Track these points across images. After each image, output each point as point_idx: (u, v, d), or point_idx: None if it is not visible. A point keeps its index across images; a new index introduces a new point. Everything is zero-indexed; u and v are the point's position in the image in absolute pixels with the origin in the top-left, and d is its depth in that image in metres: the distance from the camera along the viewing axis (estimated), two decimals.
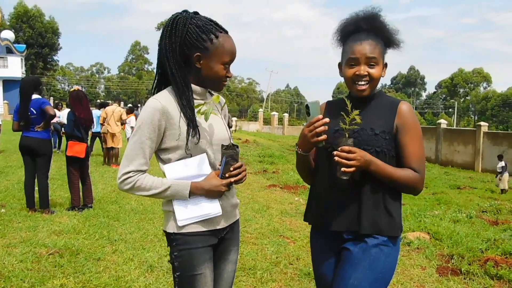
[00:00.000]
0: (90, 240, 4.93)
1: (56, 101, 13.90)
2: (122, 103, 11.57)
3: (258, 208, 7.01)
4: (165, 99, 1.90)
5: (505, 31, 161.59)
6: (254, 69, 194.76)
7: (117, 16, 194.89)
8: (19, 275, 3.81)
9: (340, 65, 2.06)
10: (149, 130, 1.86)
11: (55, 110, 8.05)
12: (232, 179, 1.88)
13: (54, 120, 7.01)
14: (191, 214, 1.89)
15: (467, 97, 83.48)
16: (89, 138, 6.63)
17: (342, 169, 1.80)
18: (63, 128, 11.40)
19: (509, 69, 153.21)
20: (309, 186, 2.16)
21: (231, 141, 2.01)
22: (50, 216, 5.92)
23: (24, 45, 51.90)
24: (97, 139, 12.54)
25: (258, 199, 7.81)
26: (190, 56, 1.90)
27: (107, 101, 14.68)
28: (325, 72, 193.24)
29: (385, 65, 2.01)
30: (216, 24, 1.93)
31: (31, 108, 5.93)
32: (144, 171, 1.90)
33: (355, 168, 1.81)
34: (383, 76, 2.00)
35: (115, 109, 11.55)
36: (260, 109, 53.77)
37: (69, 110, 6.88)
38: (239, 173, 1.91)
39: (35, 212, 6.07)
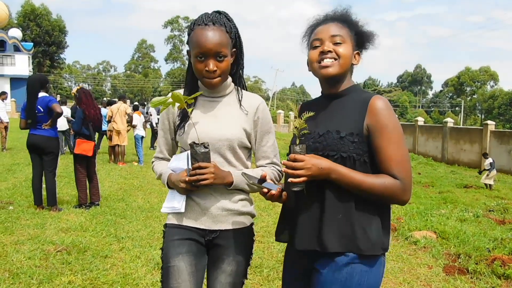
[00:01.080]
0: (97, 238, 4.96)
1: (60, 99, 13.91)
2: (128, 101, 11.53)
3: (264, 206, 7.01)
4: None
5: None
6: (260, 67, 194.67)
7: (123, 15, 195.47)
8: (27, 272, 3.85)
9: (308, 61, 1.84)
10: (160, 122, 2.08)
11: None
12: (189, 179, 1.82)
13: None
14: (166, 204, 1.99)
15: (473, 96, 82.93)
16: (96, 136, 6.64)
17: (289, 179, 1.61)
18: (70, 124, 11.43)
19: None
20: None
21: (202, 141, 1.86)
22: (57, 214, 5.96)
23: (31, 43, 52.13)
24: (104, 137, 12.61)
25: (263, 197, 7.78)
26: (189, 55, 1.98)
27: (114, 99, 14.72)
28: None
29: (358, 53, 1.80)
30: (205, 17, 1.87)
31: (38, 106, 5.96)
32: (160, 158, 2.12)
33: (306, 178, 1.59)
34: (355, 64, 1.79)
35: (120, 107, 11.58)
36: None
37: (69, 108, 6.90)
38: (197, 174, 1.80)
39: (42, 209, 6.11)
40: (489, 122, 21.63)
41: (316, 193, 1.67)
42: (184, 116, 1.96)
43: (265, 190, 1.73)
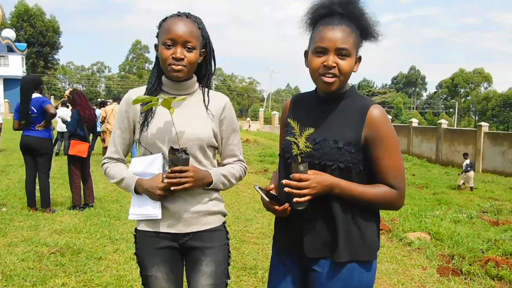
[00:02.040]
0: (92, 239, 4.94)
1: (63, 100, 13.91)
2: None
3: (259, 207, 7.00)
4: (136, 92, 1.96)
5: (506, 31, 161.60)
6: (254, 68, 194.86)
7: (118, 15, 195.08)
8: (20, 274, 3.82)
9: (306, 53, 1.76)
10: (118, 120, 1.98)
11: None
12: (169, 182, 1.76)
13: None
14: (136, 211, 1.91)
15: (467, 97, 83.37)
16: (90, 137, 6.62)
17: (295, 199, 1.60)
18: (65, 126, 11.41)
19: (510, 70, 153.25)
20: None
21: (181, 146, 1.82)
22: (51, 215, 5.93)
23: (25, 44, 51.92)
24: (98, 138, 12.56)
25: (259, 199, 7.77)
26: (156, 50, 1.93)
27: (107, 100, 14.69)
28: None
29: (359, 59, 1.74)
30: (179, 12, 1.88)
31: (32, 107, 5.92)
32: (115, 159, 2.01)
33: (311, 197, 1.60)
34: (355, 71, 1.72)
35: (114, 108, 11.54)
36: (261, 109, 53.77)
37: (63, 109, 6.87)
38: (178, 177, 1.76)
39: (36, 211, 6.08)
40: (483, 123, 21.76)
41: (319, 205, 1.67)
42: (149, 115, 1.89)
43: (276, 206, 1.71)
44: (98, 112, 11.96)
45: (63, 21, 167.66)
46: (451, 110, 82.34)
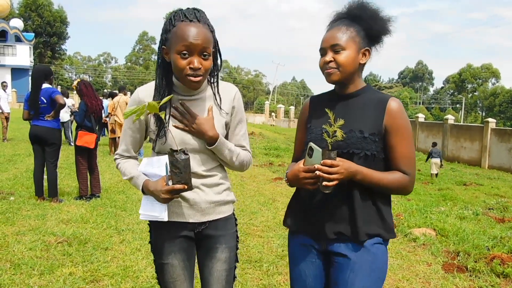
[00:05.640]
0: (98, 230, 4.98)
1: (62, 90, 13.99)
2: (128, 93, 11.48)
3: (264, 201, 7.03)
4: (145, 92, 1.92)
5: None
6: (260, 61, 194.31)
7: (125, 6, 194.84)
8: (28, 263, 3.87)
9: None
10: (128, 120, 1.94)
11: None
12: (176, 187, 1.75)
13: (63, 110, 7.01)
14: (145, 211, 1.92)
15: (475, 93, 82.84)
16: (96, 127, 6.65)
17: (324, 183, 1.71)
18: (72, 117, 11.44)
19: None
20: None
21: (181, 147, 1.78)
22: (58, 205, 5.98)
23: (33, 34, 52.03)
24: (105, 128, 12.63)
25: (264, 192, 7.83)
26: (163, 52, 1.85)
27: (115, 91, 14.70)
28: None
29: (367, 51, 1.88)
30: (187, 13, 1.79)
31: (41, 97, 5.96)
32: (126, 157, 2.02)
33: (338, 182, 1.72)
34: (362, 63, 1.88)
35: (120, 99, 11.56)
36: (267, 101, 53.69)
37: (71, 99, 6.89)
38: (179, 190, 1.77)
39: (43, 200, 6.13)
40: (490, 119, 21.65)
41: (340, 189, 1.78)
42: (161, 122, 1.86)
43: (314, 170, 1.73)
44: (106, 102, 11.97)
45: (71, 11, 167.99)
46: (457, 105, 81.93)
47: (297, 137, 2.12)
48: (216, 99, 1.94)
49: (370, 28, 1.86)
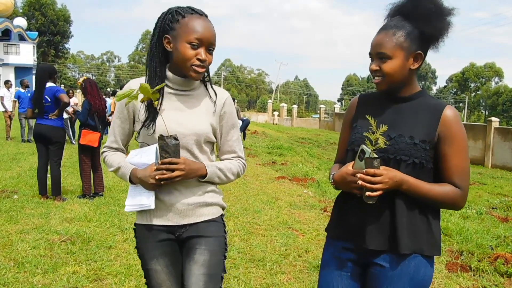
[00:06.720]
0: (102, 228, 4.99)
1: (66, 89, 14.03)
2: None
3: (267, 199, 7.02)
4: (136, 83, 1.92)
5: None
6: (263, 60, 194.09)
7: (128, 5, 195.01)
8: (32, 261, 3.88)
9: None
10: (118, 110, 1.96)
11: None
12: (158, 175, 1.76)
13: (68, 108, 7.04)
14: (131, 202, 1.90)
15: (478, 92, 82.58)
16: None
17: (367, 193, 1.63)
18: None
19: None
20: (317, 179, 2.07)
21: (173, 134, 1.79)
22: (61, 204, 5.99)
23: (36, 33, 52.06)
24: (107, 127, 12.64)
25: (267, 191, 7.82)
26: (164, 41, 1.85)
27: (118, 90, 14.73)
28: (335, 64, 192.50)
29: (419, 55, 1.74)
30: (193, 8, 1.84)
31: (45, 96, 5.98)
32: (114, 148, 2.02)
33: (382, 192, 1.63)
34: (412, 68, 1.75)
35: None
36: (269, 100, 53.68)
37: (74, 98, 6.89)
38: (168, 169, 1.76)
39: (47, 199, 6.15)
40: (493, 118, 21.56)
41: (384, 199, 1.70)
42: (152, 109, 1.86)
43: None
44: (109, 101, 12.00)
45: (74, 10, 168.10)
46: (460, 104, 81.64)
47: (342, 136, 2.00)
48: (209, 95, 1.95)
49: (422, 28, 1.72)
